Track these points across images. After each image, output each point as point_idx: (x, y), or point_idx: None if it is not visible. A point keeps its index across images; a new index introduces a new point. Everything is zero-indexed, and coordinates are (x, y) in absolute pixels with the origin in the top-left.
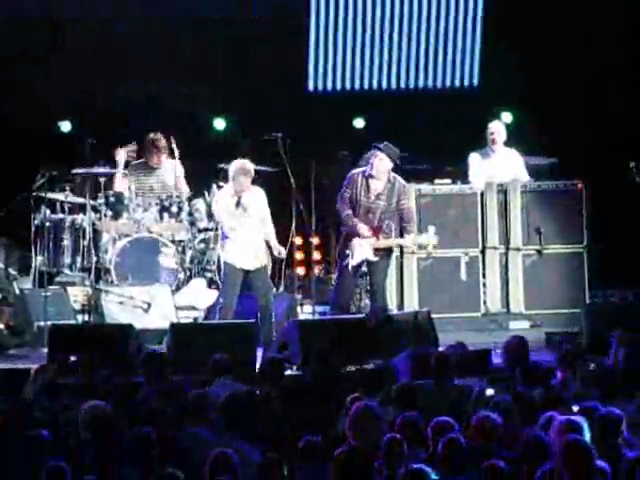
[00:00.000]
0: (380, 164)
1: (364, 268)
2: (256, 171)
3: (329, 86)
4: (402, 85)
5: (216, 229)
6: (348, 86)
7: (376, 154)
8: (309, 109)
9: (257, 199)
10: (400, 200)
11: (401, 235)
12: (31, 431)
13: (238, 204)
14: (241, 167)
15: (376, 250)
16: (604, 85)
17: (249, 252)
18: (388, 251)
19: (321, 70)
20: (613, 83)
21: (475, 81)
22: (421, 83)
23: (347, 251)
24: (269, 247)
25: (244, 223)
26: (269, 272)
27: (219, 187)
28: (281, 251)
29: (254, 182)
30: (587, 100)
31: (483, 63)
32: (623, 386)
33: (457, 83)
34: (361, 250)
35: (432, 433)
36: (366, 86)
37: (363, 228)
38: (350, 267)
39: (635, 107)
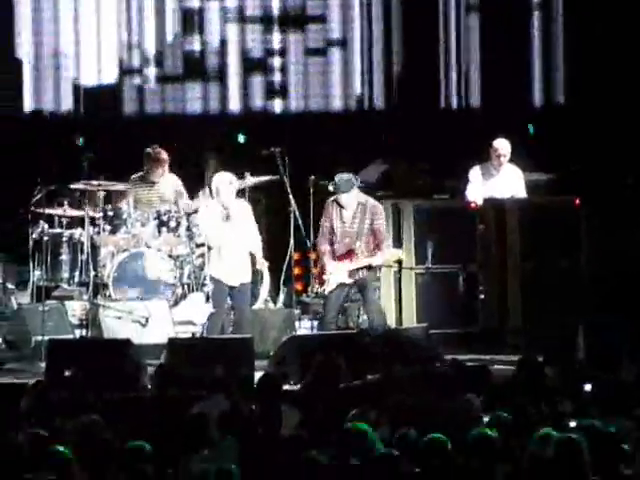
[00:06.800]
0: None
1: (352, 289)
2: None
3: None
4: None
5: None
6: None
7: None
8: None
9: (242, 211)
10: (373, 220)
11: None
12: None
13: (226, 217)
14: (223, 179)
15: (352, 271)
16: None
17: (234, 267)
18: (371, 268)
19: None
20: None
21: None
22: None
23: (323, 277)
24: (253, 260)
25: (230, 236)
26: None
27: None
28: (263, 267)
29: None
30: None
31: None
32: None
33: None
34: (335, 276)
35: (425, 449)
36: None
37: (329, 264)
38: (327, 292)
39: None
